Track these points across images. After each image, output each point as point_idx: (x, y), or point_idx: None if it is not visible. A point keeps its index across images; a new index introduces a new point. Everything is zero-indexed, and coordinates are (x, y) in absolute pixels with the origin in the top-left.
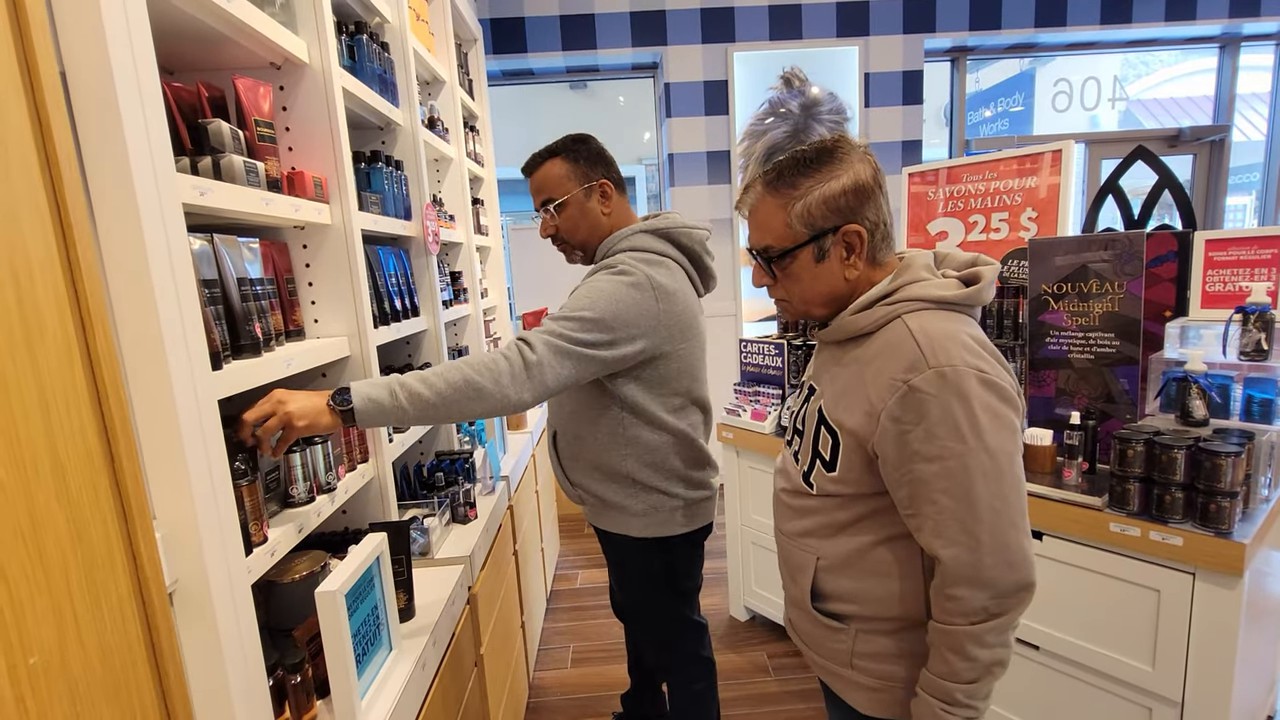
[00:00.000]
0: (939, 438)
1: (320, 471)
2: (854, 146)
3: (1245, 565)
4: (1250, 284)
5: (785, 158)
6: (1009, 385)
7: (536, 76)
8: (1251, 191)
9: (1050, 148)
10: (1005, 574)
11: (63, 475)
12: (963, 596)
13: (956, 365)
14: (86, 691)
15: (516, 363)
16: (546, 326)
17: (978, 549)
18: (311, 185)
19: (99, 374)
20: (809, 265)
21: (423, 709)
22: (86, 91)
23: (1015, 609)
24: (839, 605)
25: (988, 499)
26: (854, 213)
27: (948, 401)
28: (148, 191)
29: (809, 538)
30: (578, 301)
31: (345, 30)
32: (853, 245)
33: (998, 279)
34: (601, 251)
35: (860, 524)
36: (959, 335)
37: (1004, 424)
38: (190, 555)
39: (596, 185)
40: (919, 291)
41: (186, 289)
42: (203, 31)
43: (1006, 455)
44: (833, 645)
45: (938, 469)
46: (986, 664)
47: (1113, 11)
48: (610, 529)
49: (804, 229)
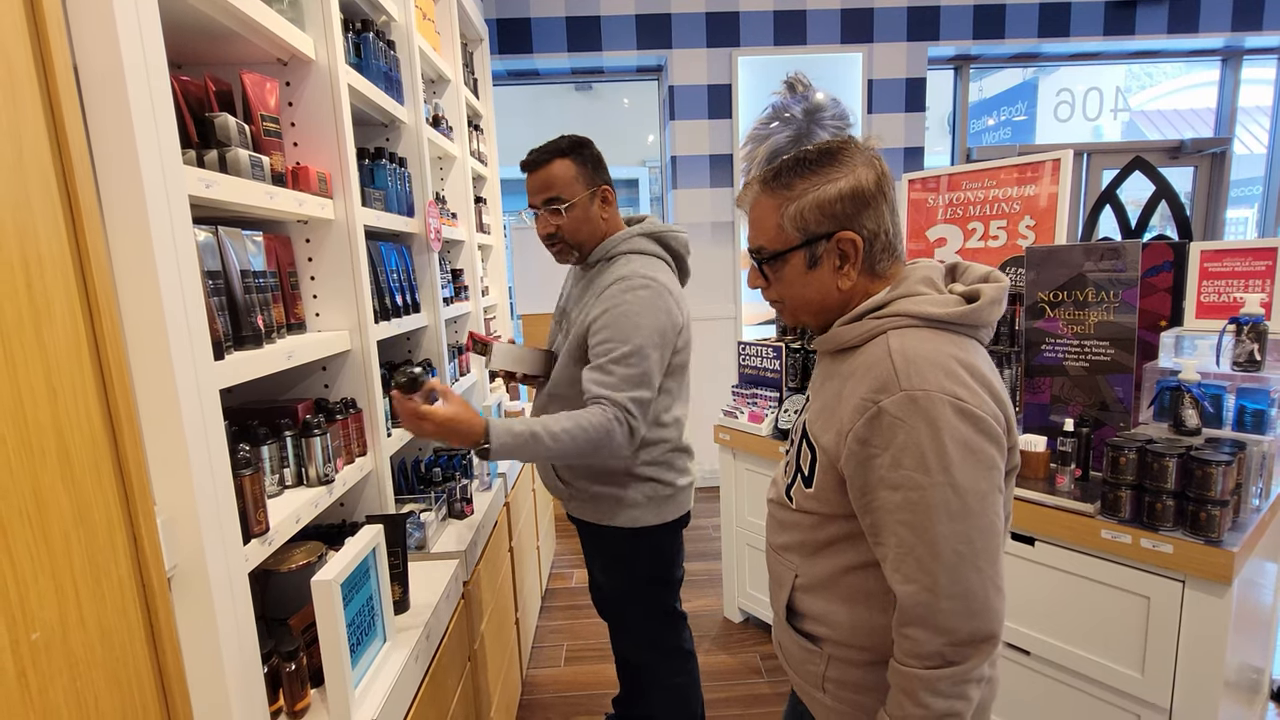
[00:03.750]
0: (903, 467)
1: (319, 463)
2: (859, 150)
3: (1234, 573)
4: (1244, 295)
5: (789, 156)
6: (993, 417)
7: (542, 77)
8: (1253, 205)
9: (1049, 157)
10: (963, 622)
11: (68, 459)
12: (917, 637)
13: (930, 390)
14: (86, 669)
15: (623, 434)
16: (615, 387)
17: (934, 590)
18: (315, 180)
19: (105, 361)
20: (800, 271)
21: (415, 700)
22: (98, 84)
23: (973, 659)
24: (813, 626)
25: (949, 539)
26: (850, 219)
27: (915, 428)
28: (155, 183)
29: (790, 554)
30: (619, 336)
31: (352, 28)
32: (847, 254)
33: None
34: (599, 253)
35: (836, 546)
36: (940, 357)
37: (978, 459)
38: (189, 541)
39: (599, 190)
40: (909, 307)
41: (191, 280)
42: (211, 26)
43: (977, 494)
44: (807, 666)
45: (900, 499)
46: (938, 714)
47: (1116, 23)
48: (603, 522)
49: (796, 232)
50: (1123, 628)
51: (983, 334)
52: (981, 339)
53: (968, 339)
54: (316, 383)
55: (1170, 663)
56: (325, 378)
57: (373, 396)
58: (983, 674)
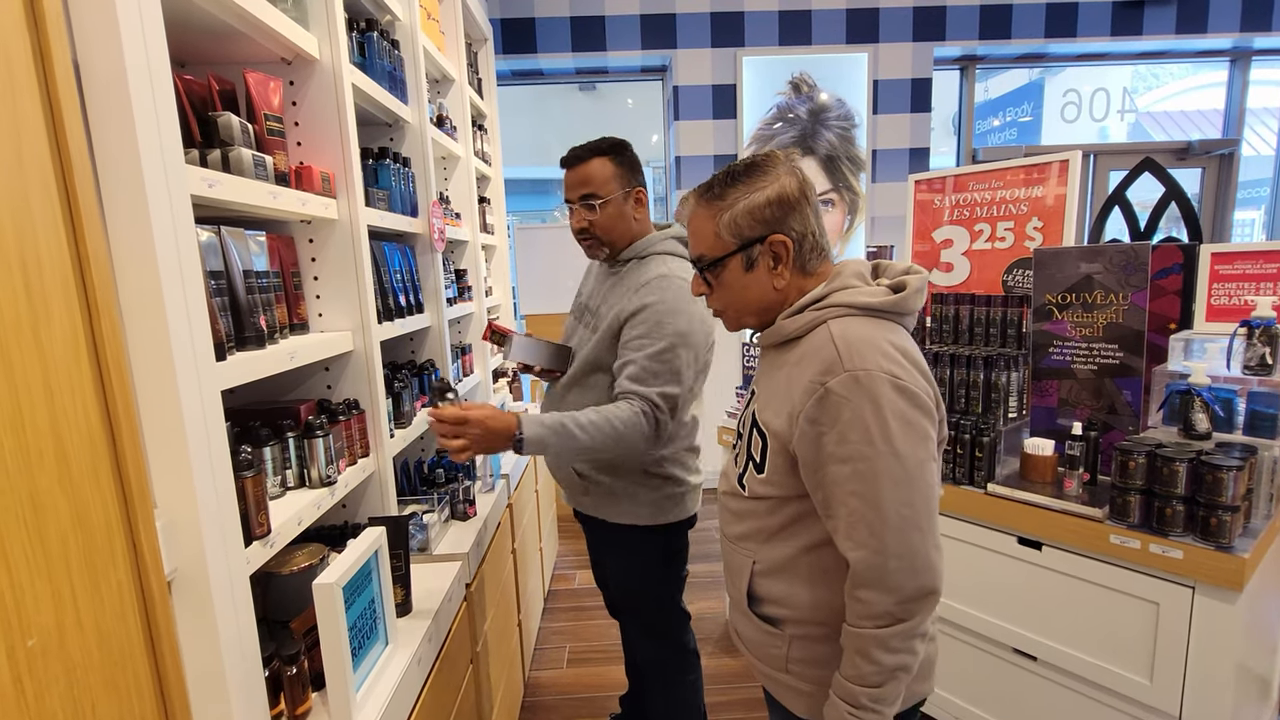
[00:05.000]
0: (850, 441)
1: (321, 464)
2: (780, 160)
3: (1245, 580)
4: (1256, 298)
5: (720, 171)
6: (924, 393)
7: (546, 77)
8: (1260, 206)
9: (1057, 158)
10: (909, 579)
11: (65, 461)
12: (868, 600)
13: (870, 370)
14: (84, 675)
15: (649, 428)
16: (645, 381)
17: (883, 552)
18: (319, 180)
19: (104, 362)
20: (739, 274)
21: (418, 703)
22: (100, 83)
23: (919, 614)
24: (773, 609)
25: (894, 504)
26: (779, 223)
27: (860, 405)
28: (157, 182)
29: (747, 541)
30: (654, 331)
31: (356, 27)
32: (779, 255)
33: (929, 287)
34: (631, 252)
35: (790, 529)
36: (878, 341)
37: (915, 430)
38: (190, 544)
39: (634, 191)
40: (846, 298)
41: (193, 280)
42: (215, 25)
43: (916, 461)
44: (769, 650)
45: (849, 471)
46: (890, 668)
47: (1123, 23)
48: (615, 519)
49: (731, 238)
50: (1131, 634)
51: (908, 321)
52: (907, 325)
53: (897, 325)
54: (319, 383)
55: (1179, 670)
56: (328, 378)
57: (376, 397)
58: (926, 629)
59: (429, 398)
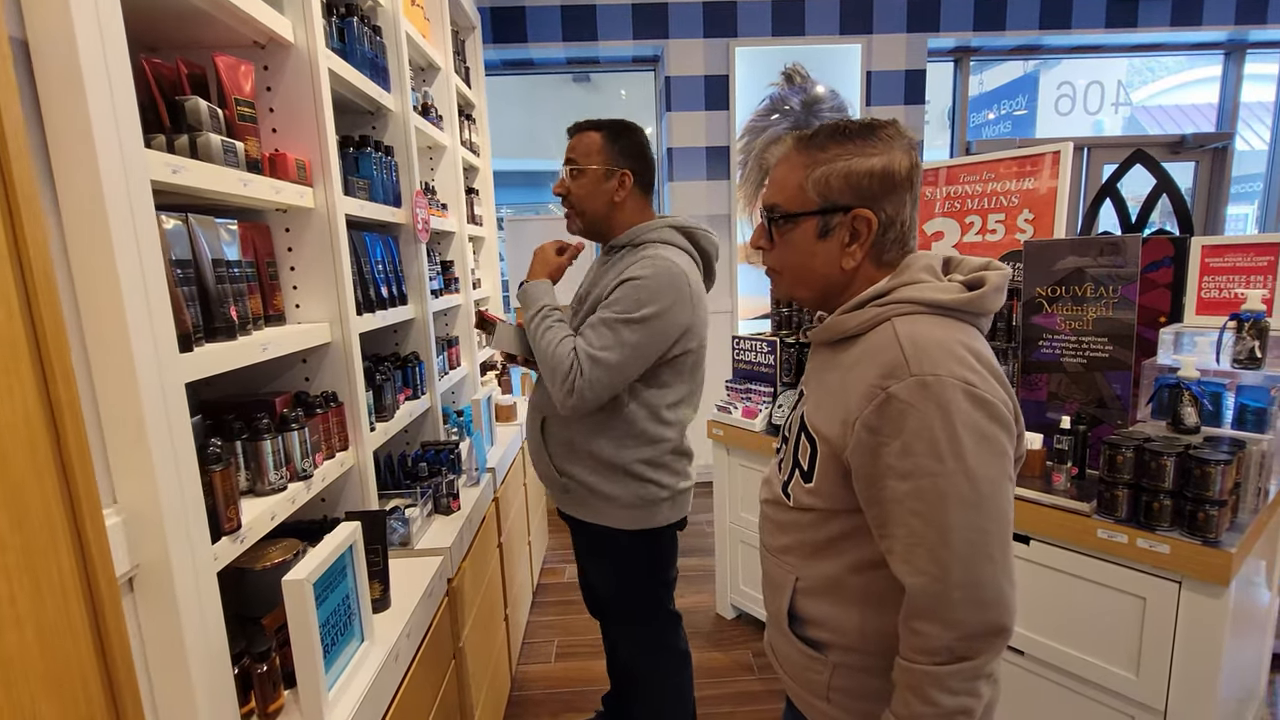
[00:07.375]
0: (915, 454)
1: (296, 458)
2: (900, 133)
3: (1232, 574)
4: (1245, 291)
5: (829, 123)
6: (1002, 403)
7: (537, 67)
8: (1253, 201)
9: (1048, 149)
10: (974, 613)
11: (3, 460)
12: (926, 632)
13: (941, 375)
14: (23, 679)
15: (567, 380)
16: (588, 340)
17: (945, 581)
18: (294, 168)
19: (45, 354)
20: (809, 238)
21: (395, 699)
22: (50, 60)
23: (986, 653)
24: (817, 631)
25: (962, 529)
26: (873, 199)
27: (927, 414)
28: (112, 165)
29: (789, 555)
30: (619, 306)
31: (335, 12)
32: (859, 232)
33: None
34: (625, 238)
35: (839, 545)
36: (950, 343)
37: (991, 446)
38: (153, 540)
39: (618, 172)
40: (914, 294)
41: (153, 268)
42: (183, 7)
43: (990, 482)
44: (809, 675)
45: (910, 488)
46: (949, 711)
47: (1118, 15)
48: (595, 520)
49: (816, 196)
50: (1118, 628)
51: (983, 322)
52: (982, 327)
53: (970, 326)
54: (298, 375)
55: (1166, 664)
56: (306, 370)
57: (355, 390)
58: (993, 670)
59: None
